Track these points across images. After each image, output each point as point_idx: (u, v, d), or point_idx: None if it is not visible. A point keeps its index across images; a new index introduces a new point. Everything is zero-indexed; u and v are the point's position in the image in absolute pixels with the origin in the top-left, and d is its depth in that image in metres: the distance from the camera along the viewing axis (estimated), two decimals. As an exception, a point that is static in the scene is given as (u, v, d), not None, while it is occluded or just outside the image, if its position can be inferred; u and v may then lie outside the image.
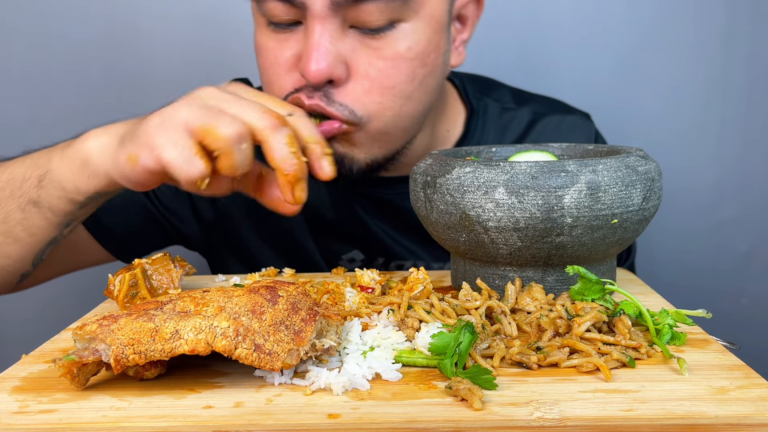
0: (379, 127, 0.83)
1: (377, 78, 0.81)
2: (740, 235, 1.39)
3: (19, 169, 0.80)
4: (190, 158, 0.65)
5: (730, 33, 1.32)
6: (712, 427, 0.47)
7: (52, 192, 0.77)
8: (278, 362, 0.51)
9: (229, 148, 0.65)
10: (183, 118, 0.66)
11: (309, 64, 0.78)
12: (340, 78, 0.80)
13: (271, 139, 0.66)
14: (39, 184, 0.77)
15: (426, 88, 0.86)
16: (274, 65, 0.84)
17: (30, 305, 1.46)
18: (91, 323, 0.53)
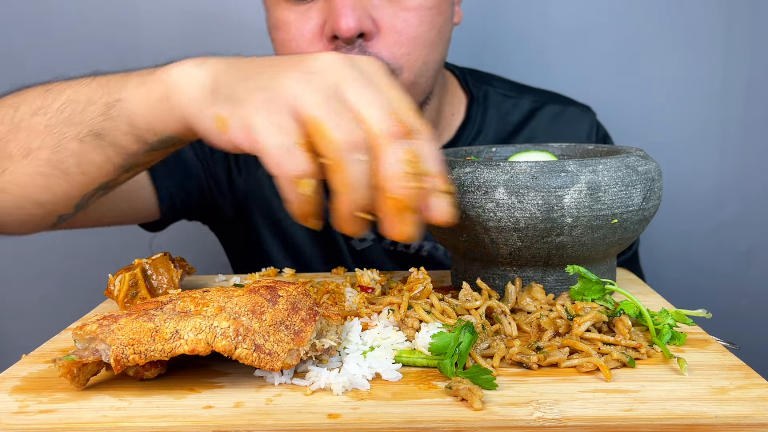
0: (410, 78, 0.87)
1: (404, 29, 0.85)
2: (740, 235, 1.39)
3: (84, 90, 0.67)
4: (291, 150, 0.53)
5: (730, 33, 1.32)
6: (712, 427, 0.47)
7: (119, 125, 0.65)
8: (278, 362, 0.51)
9: (341, 159, 0.52)
10: (294, 99, 0.53)
11: (340, 21, 0.80)
12: (371, 31, 0.83)
13: (386, 149, 0.53)
14: (106, 112, 0.65)
15: (443, 37, 0.90)
16: (296, 37, 0.86)
17: (30, 305, 1.46)
18: (91, 323, 0.53)
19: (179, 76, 0.61)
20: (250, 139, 0.54)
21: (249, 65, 0.59)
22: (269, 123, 0.53)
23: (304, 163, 0.53)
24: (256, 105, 0.54)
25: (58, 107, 0.67)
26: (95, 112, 0.65)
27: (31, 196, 0.70)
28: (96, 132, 0.66)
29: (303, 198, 0.53)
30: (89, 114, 0.66)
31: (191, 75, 0.60)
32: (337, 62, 0.55)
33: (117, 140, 0.66)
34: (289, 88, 0.53)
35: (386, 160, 0.53)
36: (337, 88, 0.54)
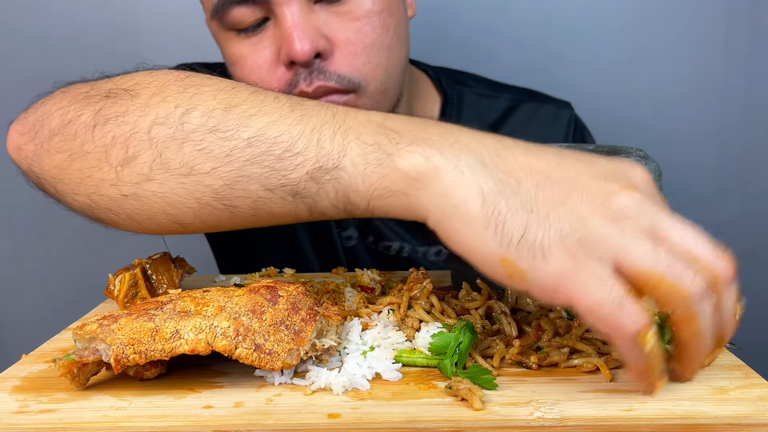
0: (377, 86, 0.85)
1: (357, 39, 0.83)
2: (740, 235, 1.39)
3: (281, 129, 0.53)
4: (623, 304, 0.45)
5: (730, 33, 1.32)
6: (712, 427, 0.47)
7: (328, 194, 0.53)
8: (278, 362, 0.51)
9: (694, 312, 0.46)
10: (613, 250, 0.45)
11: (293, 45, 0.78)
12: (326, 50, 0.81)
13: (725, 294, 0.48)
14: (314, 175, 0.52)
15: (400, 37, 0.88)
16: (255, 69, 0.84)
17: (30, 305, 1.46)
18: (91, 323, 0.53)
19: (427, 176, 0.49)
20: (562, 296, 0.46)
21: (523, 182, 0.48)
22: (593, 280, 0.45)
23: (642, 317, 0.45)
24: (570, 257, 0.45)
25: (248, 138, 0.53)
26: (300, 167, 0.52)
27: (172, 215, 0.58)
28: (295, 191, 0.53)
29: (650, 355, 0.46)
30: (289, 164, 0.53)
31: (446, 180, 0.48)
32: (636, 200, 0.47)
33: (317, 205, 0.54)
34: (605, 237, 0.45)
35: (724, 304, 0.48)
36: (653, 231, 0.47)
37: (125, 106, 0.58)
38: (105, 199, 0.59)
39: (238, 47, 0.85)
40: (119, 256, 1.07)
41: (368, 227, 1.02)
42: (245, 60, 0.84)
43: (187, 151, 0.55)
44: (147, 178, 0.56)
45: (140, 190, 0.57)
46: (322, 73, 0.81)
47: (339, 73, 0.82)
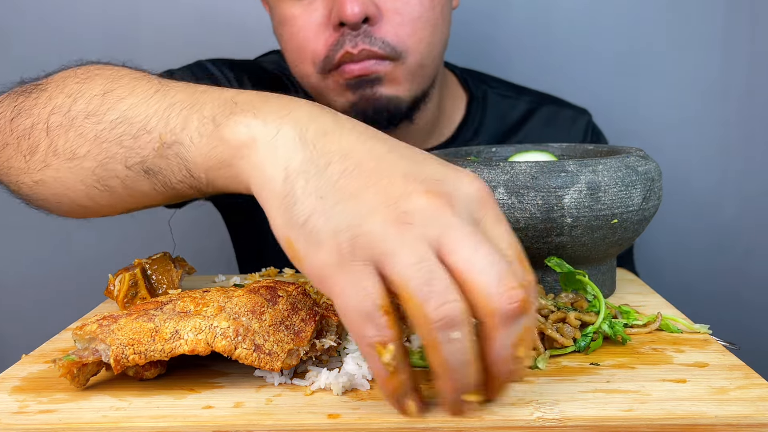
0: (417, 59, 0.90)
1: (405, 11, 0.88)
2: (740, 235, 1.39)
3: (142, 108, 0.57)
4: (372, 316, 0.43)
5: (730, 33, 1.32)
6: (712, 427, 0.47)
7: (174, 169, 0.55)
8: (278, 362, 0.51)
9: (435, 339, 0.42)
10: (382, 255, 0.43)
11: (345, 7, 0.84)
12: (375, 15, 0.87)
13: (498, 331, 0.43)
14: (161, 151, 0.55)
15: (444, 17, 0.93)
16: (303, 29, 0.89)
17: (30, 305, 1.46)
18: (91, 323, 0.53)
19: (246, 146, 0.49)
20: (325, 289, 0.45)
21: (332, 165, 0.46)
22: (351, 284, 0.43)
23: (385, 331, 0.43)
24: (337, 257, 0.43)
25: (112, 120, 0.58)
26: (149, 144, 0.56)
27: (72, 198, 0.63)
28: (147, 167, 0.57)
29: (388, 368, 0.44)
30: (142, 143, 0.56)
31: (260, 154, 0.48)
32: (439, 213, 0.43)
33: (169, 181, 0.57)
34: (379, 239, 0.43)
35: (494, 342, 0.43)
36: (439, 245, 0.43)
37: (35, 100, 0.63)
38: (24, 186, 0.65)
39: (289, 8, 0.90)
40: (119, 256, 1.07)
41: None
42: (295, 20, 0.89)
43: (71, 136, 0.59)
44: (45, 164, 0.61)
45: (44, 177, 0.62)
46: (368, 37, 0.87)
47: (384, 39, 0.87)
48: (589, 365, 0.56)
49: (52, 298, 1.44)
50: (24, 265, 1.46)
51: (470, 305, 0.42)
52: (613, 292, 0.75)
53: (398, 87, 0.91)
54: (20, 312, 1.46)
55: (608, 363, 0.56)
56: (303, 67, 0.92)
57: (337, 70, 0.89)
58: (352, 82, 0.89)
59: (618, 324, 0.59)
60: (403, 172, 0.46)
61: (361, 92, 0.90)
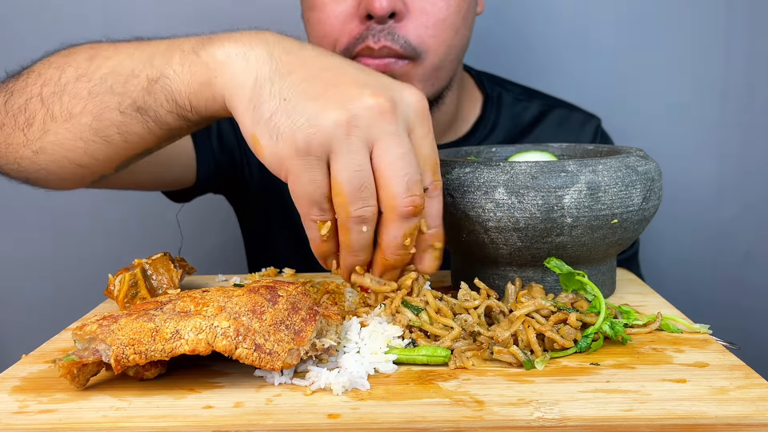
0: (434, 61, 0.91)
1: (432, 11, 0.89)
2: (740, 234, 1.39)
3: (128, 61, 0.65)
4: (319, 203, 0.57)
5: (730, 33, 1.32)
6: (712, 427, 0.47)
7: (162, 102, 0.64)
8: (278, 362, 0.51)
9: (349, 227, 0.57)
10: (329, 151, 0.55)
11: (374, 1, 0.85)
12: (401, 12, 0.87)
13: (392, 224, 0.57)
14: (148, 87, 0.64)
15: (467, 24, 0.94)
16: (330, 18, 0.90)
17: (30, 305, 1.46)
18: (91, 323, 0.53)
19: (222, 63, 0.59)
20: (282, 174, 0.57)
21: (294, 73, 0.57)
22: (305, 173, 0.55)
23: (327, 214, 0.58)
24: (294, 147, 0.54)
25: (101, 75, 0.66)
26: (138, 85, 0.64)
27: (71, 158, 0.70)
28: (138, 106, 0.65)
29: (323, 238, 0.59)
30: (131, 86, 0.64)
31: (234, 66, 0.58)
32: (380, 115, 0.55)
33: (159, 116, 0.65)
34: (330, 138, 0.54)
35: (388, 233, 0.57)
36: (373, 145, 0.55)
37: (24, 80, 0.71)
38: (25, 160, 0.72)
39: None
40: (119, 256, 1.07)
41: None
42: (324, 7, 0.90)
43: (65, 100, 0.67)
44: (44, 131, 0.69)
45: (44, 144, 0.69)
46: (391, 35, 0.88)
47: (407, 38, 0.88)
48: (589, 365, 0.56)
49: (52, 298, 1.44)
50: (24, 265, 1.46)
51: (379, 196, 0.56)
52: (613, 292, 0.75)
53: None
54: (20, 312, 1.46)
55: (608, 363, 0.56)
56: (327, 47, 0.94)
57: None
58: None
59: (618, 324, 0.59)
60: (356, 80, 0.56)
61: None
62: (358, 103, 0.55)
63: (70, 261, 1.45)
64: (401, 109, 0.57)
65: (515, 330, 0.57)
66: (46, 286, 1.45)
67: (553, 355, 0.57)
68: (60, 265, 1.45)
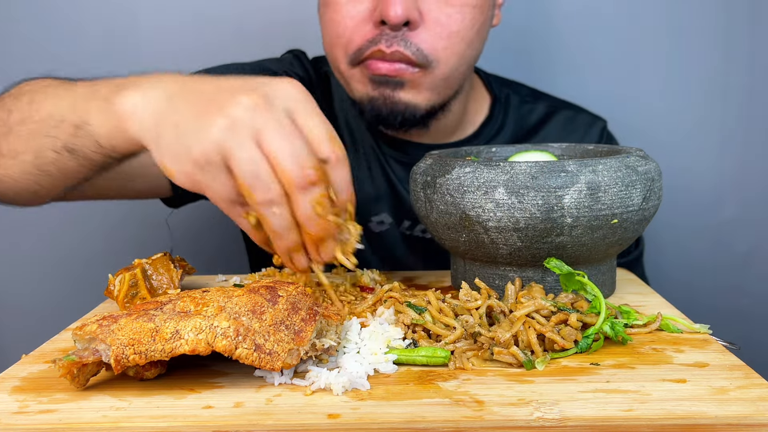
0: (444, 71, 0.91)
1: (447, 23, 0.90)
2: (740, 235, 1.39)
3: (56, 108, 0.74)
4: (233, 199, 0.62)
5: (730, 33, 1.32)
6: (712, 427, 0.47)
7: (88, 145, 0.71)
8: (278, 362, 0.51)
9: (262, 214, 0.62)
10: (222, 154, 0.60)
11: (389, 8, 0.86)
12: (416, 21, 0.88)
13: (297, 199, 0.61)
14: (75, 132, 0.71)
15: (480, 37, 0.95)
16: (346, 18, 0.91)
17: (30, 305, 1.46)
18: (91, 323, 0.53)
19: (128, 108, 0.66)
20: (196, 188, 0.62)
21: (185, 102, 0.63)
22: (212, 180, 0.61)
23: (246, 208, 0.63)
24: (195, 163, 0.61)
25: (39, 119, 0.74)
26: (66, 130, 0.72)
27: (23, 187, 0.79)
28: (69, 148, 0.72)
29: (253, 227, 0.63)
30: (61, 131, 0.72)
31: (140, 112, 0.65)
32: (256, 110, 0.60)
33: (87, 155, 0.72)
34: (220, 145, 0.60)
35: (297, 207, 0.61)
36: (258, 137, 0.60)
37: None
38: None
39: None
40: (119, 256, 1.07)
41: (404, 211, 1.04)
42: (340, 7, 0.91)
43: (11, 140, 0.76)
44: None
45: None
46: (404, 41, 0.88)
47: (419, 47, 0.89)
48: (589, 365, 0.56)
49: (52, 298, 1.44)
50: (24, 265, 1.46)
51: (279, 180, 0.60)
52: (613, 292, 0.75)
53: (418, 95, 0.93)
54: (20, 312, 1.46)
55: (608, 363, 0.56)
56: (335, 53, 0.94)
57: (364, 64, 0.91)
58: (377, 78, 0.91)
59: (619, 324, 0.59)
60: (230, 88, 0.63)
61: (381, 90, 0.92)
62: (234, 106, 0.60)
63: (70, 261, 1.45)
64: (276, 100, 0.62)
65: (516, 331, 0.57)
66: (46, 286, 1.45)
67: (553, 356, 0.57)
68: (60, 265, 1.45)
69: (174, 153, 0.62)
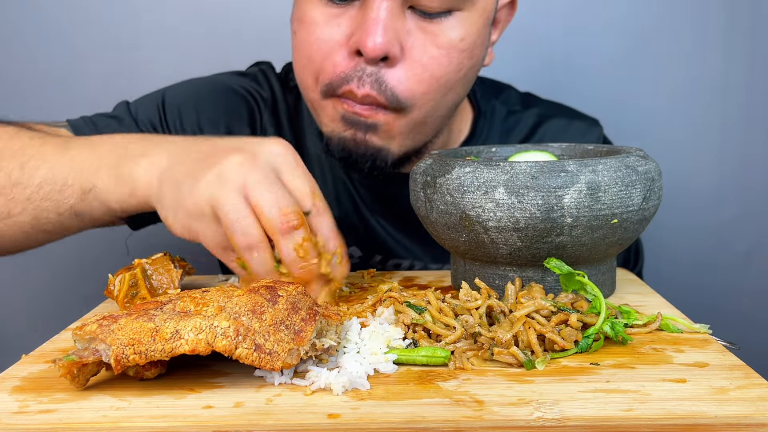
0: (419, 116, 0.84)
1: (429, 65, 0.81)
2: (740, 234, 1.39)
3: (59, 170, 0.76)
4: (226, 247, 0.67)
5: (730, 33, 1.32)
6: (712, 427, 0.47)
7: (95, 207, 0.75)
8: (278, 362, 0.51)
9: (245, 258, 0.66)
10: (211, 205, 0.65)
11: (367, 38, 0.77)
12: (395, 56, 0.80)
13: (280, 244, 0.66)
14: (82, 196, 0.75)
15: (466, 82, 0.87)
16: (319, 42, 0.82)
17: (30, 306, 1.46)
18: (91, 323, 0.53)
19: (140, 178, 0.72)
20: (193, 238, 0.68)
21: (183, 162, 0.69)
22: (205, 228, 0.67)
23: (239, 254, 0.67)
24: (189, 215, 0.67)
25: (37, 184, 0.76)
26: (73, 195, 0.75)
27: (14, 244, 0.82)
28: (75, 211, 0.76)
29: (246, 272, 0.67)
30: (66, 194, 0.75)
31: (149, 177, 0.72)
32: (243, 166, 0.65)
33: (94, 216, 0.77)
34: (209, 197, 0.65)
35: (281, 251, 0.66)
36: (245, 190, 0.65)
37: None
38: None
39: (315, 10, 0.82)
40: (119, 256, 1.07)
41: (375, 244, 0.99)
42: (315, 26, 0.82)
43: (2, 201, 0.77)
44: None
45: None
46: (378, 83, 0.80)
47: (394, 90, 0.81)
48: (589, 365, 0.56)
49: (52, 298, 1.44)
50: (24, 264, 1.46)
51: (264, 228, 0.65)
52: (613, 292, 0.75)
53: (391, 140, 0.85)
54: (20, 312, 1.46)
55: (608, 363, 0.56)
56: (305, 78, 0.86)
57: (337, 98, 0.83)
58: (349, 117, 0.83)
59: (619, 324, 0.59)
60: (224, 148, 0.68)
61: (353, 131, 0.84)
62: (225, 163, 0.66)
63: (70, 261, 1.45)
64: (263, 158, 0.67)
65: (516, 331, 0.57)
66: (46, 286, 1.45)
67: (553, 356, 0.57)
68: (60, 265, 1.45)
69: (172, 207, 0.68)
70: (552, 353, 0.58)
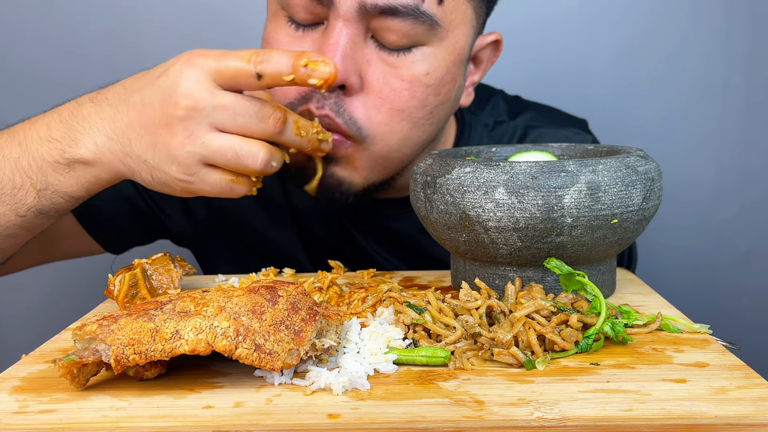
0: (382, 150, 0.81)
1: (389, 97, 0.79)
2: (740, 234, 1.39)
3: (5, 175, 0.74)
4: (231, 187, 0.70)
5: (729, 33, 1.32)
6: (712, 427, 0.47)
7: (56, 200, 0.75)
8: (278, 362, 0.51)
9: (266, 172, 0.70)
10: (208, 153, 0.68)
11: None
12: (353, 86, 0.77)
13: (283, 139, 0.70)
14: (38, 194, 0.74)
15: (434, 119, 0.83)
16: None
17: (30, 306, 1.46)
18: (91, 323, 0.53)
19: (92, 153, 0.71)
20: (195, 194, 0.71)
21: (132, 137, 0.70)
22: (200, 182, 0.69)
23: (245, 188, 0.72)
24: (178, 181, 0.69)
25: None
26: (29, 195, 0.74)
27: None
28: (37, 209, 0.75)
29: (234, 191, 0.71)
30: (21, 196, 0.74)
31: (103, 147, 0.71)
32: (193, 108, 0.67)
33: (58, 208, 0.76)
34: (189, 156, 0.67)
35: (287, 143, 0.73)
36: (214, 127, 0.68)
37: None
38: None
39: (281, 32, 0.81)
40: (119, 256, 1.07)
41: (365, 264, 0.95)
42: (278, 47, 0.81)
43: None
44: None
45: None
46: (336, 105, 0.78)
47: (353, 117, 0.78)
48: (589, 365, 0.56)
49: (52, 298, 1.44)
50: (24, 265, 1.45)
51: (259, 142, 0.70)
52: (613, 292, 0.75)
53: (354, 172, 0.82)
54: (20, 312, 1.46)
55: (608, 363, 0.56)
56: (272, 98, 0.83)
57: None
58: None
59: (619, 324, 0.59)
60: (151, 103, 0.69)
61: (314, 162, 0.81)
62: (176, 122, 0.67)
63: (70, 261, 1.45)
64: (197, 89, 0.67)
65: (516, 332, 0.57)
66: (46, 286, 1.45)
67: (553, 356, 0.57)
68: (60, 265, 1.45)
69: (160, 184, 0.70)
70: (552, 353, 0.58)
